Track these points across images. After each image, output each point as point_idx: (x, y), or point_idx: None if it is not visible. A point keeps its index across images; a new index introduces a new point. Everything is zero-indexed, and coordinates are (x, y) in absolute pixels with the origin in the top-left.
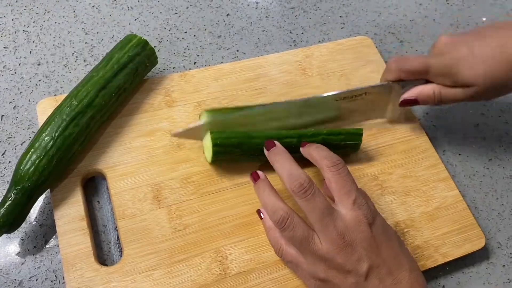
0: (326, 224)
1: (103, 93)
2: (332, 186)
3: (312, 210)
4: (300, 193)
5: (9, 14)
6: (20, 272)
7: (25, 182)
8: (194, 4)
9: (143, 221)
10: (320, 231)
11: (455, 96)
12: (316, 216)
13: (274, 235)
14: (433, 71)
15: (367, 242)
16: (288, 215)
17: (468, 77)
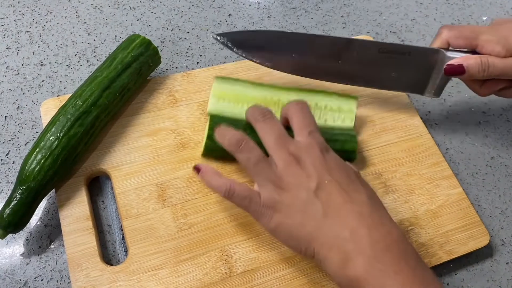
0: (280, 145)
1: (107, 93)
2: (293, 120)
3: (268, 133)
4: (259, 117)
5: (11, 15)
6: (25, 273)
7: (30, 182)
8: (196, 4)
9: (148, 220)
10: (274, 151)
11: (504, 66)
12: (272, 138)
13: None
14: (484, 37)
15: (318, 161)
16: (244, 138)
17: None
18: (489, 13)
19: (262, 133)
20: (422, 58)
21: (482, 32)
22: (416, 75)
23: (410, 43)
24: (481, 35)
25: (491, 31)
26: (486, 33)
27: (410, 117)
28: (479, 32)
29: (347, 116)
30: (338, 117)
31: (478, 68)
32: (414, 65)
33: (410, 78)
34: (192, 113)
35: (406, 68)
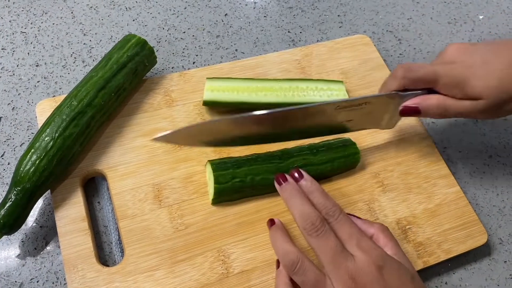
0: (338, 265)
1: (102, 93)
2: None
3: (323, 250)
4: (312, 232)
5: (6, 16)
6: (21, 274)
7: (25, 183)
8: (192, 4)
9: (144, 221)
10: (331, 271)
11: (461, 108)
12: (327, 256)
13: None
14: (442, 80)
15: (377, 285)
16: (299, 259)
17: (479, 88)
18: (486, 11)
19: (317, 250)
20: (379, 104)
21: (440, 76)
22: (372, 118)
23: (407, 42)
24: (439, 78)
25: (448, 72)
26: (443, 76)
27: None
28: (437, 75)
29: (339, 93)
30: (331, 94)
31: (434, 110)
32: (371, 111)
33: (366, 121)
34: (188, 113)
35: (363, 115)
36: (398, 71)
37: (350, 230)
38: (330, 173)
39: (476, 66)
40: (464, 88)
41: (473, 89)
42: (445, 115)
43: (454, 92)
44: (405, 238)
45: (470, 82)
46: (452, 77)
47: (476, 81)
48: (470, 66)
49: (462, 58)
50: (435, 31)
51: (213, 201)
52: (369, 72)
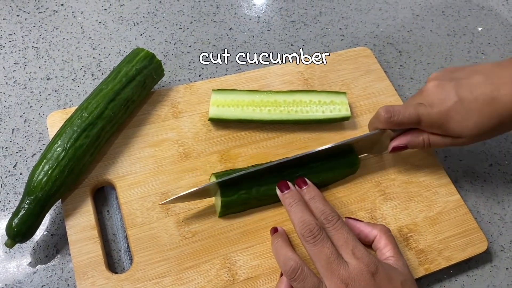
0: (332, 271)
1: (112, 105)
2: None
3: (318, 257)
4: (309, 239)
5: (19, 31)
6: (33, 281)
7: (38, 192)
8: (198, 19)
9: (152, 229)
10: (326, 277)
11: (444, 143)
12: (322, 262)
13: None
14: (423, 123)
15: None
16: (299, 266)
17: (458, 130)
18: (484, 23)
19: (313, 257)
20: (369, 141)
21: (421, 119)
22: (364, 148)
23: (408, 53)
24: (421, 121)
25: (428, 116)
26: (424, 120)
27: None
28: (418, 118)
29: (342, 108)
30: (334, 108)
31: (420, 146)
32: (361, 148)
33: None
34: (194, 124)
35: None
36: (381, 115)
37: (346, 237)
38: (331, 180)
39: (454, 109)
40: (445, 129)
41: (453, 131)
42: (430, 149)
43: (436, 131)
44: (406, 245)
45: (449, 125)
46: (432, 121)
47: (454, 124)
48: (448, 110)
49: (440, 97)
50: (434, 43)
51: (220, 214)
52: (370, 83)
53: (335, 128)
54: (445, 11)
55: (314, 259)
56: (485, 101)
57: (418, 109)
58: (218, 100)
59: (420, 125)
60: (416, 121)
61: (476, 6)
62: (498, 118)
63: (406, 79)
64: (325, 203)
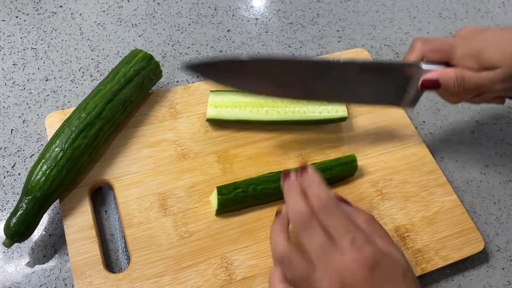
0: (326, 260)
1: (110, 106)
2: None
3: (311, 244)
4: (299, 225)
5: (17, 33)
6: (30, 281)
7: (36, 192)
8: (196, 21)
9: (150, 229)
10: (318, 267)
11: (478, 79)
12: (314, 251)
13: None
14: (458, 51)
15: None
16: (287, 253)
17: (496, 57)
18: (481, 25)
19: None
20: (399, 72)
21: (456, 46)
22: (393, 90)
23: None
24: (456, 49)
25: (464, 44)
26: (460, 47)
27: (405, 127)
28: (453, 46)
29: (339, 108)
30: (331, 109)
31: (453, 83)
32: (392, 80)
33: (387, 93)
34: (192, 125)
35: (384, 83)
36: (417, 43)
37: (346, 223)
38: (329, 181)
39: (492, 38)
40: (480, 58)
41: (489, 59)
42: (464, 88)
43: (470, 63)
44: (403, 245)
45: (486, 53)
46: (467, 48)
47: (492, 50)
48: (483, 38)
49: (477, 33)
50: None
51: (217, 212)
52: None
53: (333, 129)
54: (442, 13)
55: (307, 247)
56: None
57: (451, 39)
58: (216, 101)
59: (454, 55)
60: (450, 49)
61: (473, 9)
62: None
63: None
64: (321, 188)
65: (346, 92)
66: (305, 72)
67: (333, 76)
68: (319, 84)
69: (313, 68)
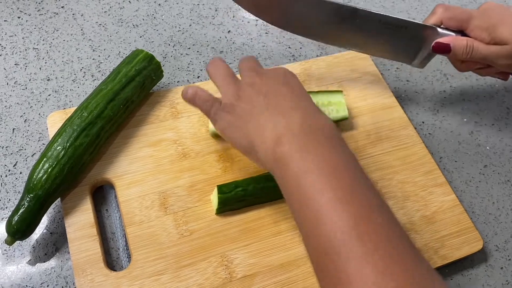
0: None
1: (112, 105)
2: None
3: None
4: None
5: (19, 33)
6: (32, 279)
7: (38, 190)
8: (197, 21)
9: (151, 227)
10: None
11: (487, 51)
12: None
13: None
14: (474, 22)
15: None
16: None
17: (506, 33)
18: None
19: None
20: (416, 32)
21: (474, 17)
22: (408, 47)
23: None
24: (472, 19)
25: (482, 17)
26: (477, 18)
27: (404, 127)
28: (471, 16)
29: (339, 108)
30: (332, 109)
31: (463, 50)
32: (408, 38)
33: (402, 49)
34: (193, 125)
35: (401, 39)
36: (438, 8)
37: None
38: None
39: (507, 15)
40: (493, 31)
41: (501, 34)
42: (472, 57)
43: (483, 36)
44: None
45: (499, 27)
46: (483, 20)
47: (505, 27)
48: (501, 14)
49: (496, 9)
50: None
51: (217, 211)
52: (367, 85)
53: None
54: None
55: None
56: None
57: (471, 10)
58: None
59: (470, 24)
60: (467, 18)
61: None
62: None
63: (403, 81)
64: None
65: (363, 41)
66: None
67: (356, 23)
68: (340, 29)
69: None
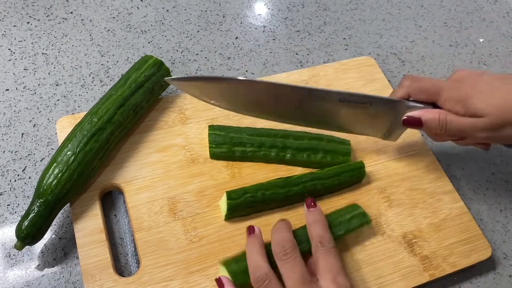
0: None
1: (121, 111)
2: (319, 262)
3: (290, 274)
4: (280, 254)
5: (29, 38)
6: (40, 284)
7: (48, 195)
8: (205, 28)
9: (160, 233)
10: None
11: (461, 125)
12: (294, 280)
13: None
14: (445, 94)
15: None
16: (268, 277)
17: (482, 105)
18: (486, 35)
19: (284, 274)
20: (383, 108)
21: (444, 89)
22: (376, 123)
23: (411, 63)
24: (443, 91)
25: (452, 88)
26: (448, 89)
27: (411, 134)
28: (441, 88)
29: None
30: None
31: (435, 124)
32: (374, 114)
33: (369, 125)
34: (201, 130)
35: (367, 116)
36: (405, 80)
37: (334, 263)
38: (337, 187)
39: (481, 85)
40: (466, 104)
41: (475, 106)
42: (446, 130)
43: (456, 108)
44: (411, 251)
45: (473, 99)
46: (455, 92)
47: (479, 98)
48: (473, 84)
49: (469, 78)
50: (437, 53)
51: (226, 217)
52: (374, 91)
53: None
54: (447, 23)
55: (285, 278)
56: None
57: (441, 81)
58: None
59: (441, 97)
60: (437, 90)
61: (478, 18)
62: None
63: None
64: (325, 229)
65: (324, 120)
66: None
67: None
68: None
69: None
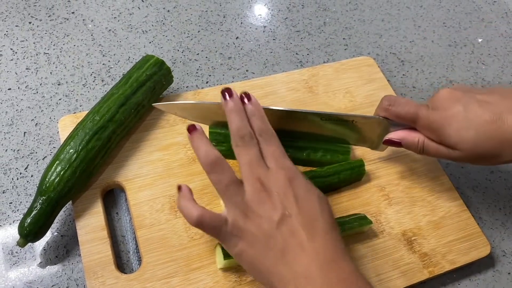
0: (252, 170)
1: (123, 109)
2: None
3: (243, 158)
4: (238, 142)
5: (30, 38)
6: (43, 281)
7: (50, 193)
8: (205, 28)
9: (161, 230)
10: (245, 177)
11: (437, 152)
12: (245, 164)
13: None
14: (421, 123)
15: (283, 191)
16: (220, 160)
17: (454, 139)
18: (484, 35)
19: (239, 158)
20: (367, 125)
21: (419, 117)
22: (362, 136)
23: (410, 63)
24: (418, 119)
25: (428, 116)
26: (423, 118)
27: None
28: (417, 116)
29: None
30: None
31: (414, 148)
32: (360, 130)
33: (355, 138)
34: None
35: (352, 131)
36: (384, 101)
37: (275, 149)
38: (336, 185)
39: (456, 116)
40: (440, 135)
41: (449, 139)
42: (424, 154)
43: (432, 137)
44: (410, 249)
45: (446, 131)
46: (429, 122)
47: (453, 130)
48: (449, 116)
49: (446, 105)
50: (436, 53)
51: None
52: (373, 91)
53: None
54: (446, 23)
55: (239, 161)
56: (491, 118)
57: (418, 108)
58: None
59: (417, 124)
60: (413, 118)
61: (477, 18)
62: (498, 140)
63: (409, 88)
64: (264, 122)
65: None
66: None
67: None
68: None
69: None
